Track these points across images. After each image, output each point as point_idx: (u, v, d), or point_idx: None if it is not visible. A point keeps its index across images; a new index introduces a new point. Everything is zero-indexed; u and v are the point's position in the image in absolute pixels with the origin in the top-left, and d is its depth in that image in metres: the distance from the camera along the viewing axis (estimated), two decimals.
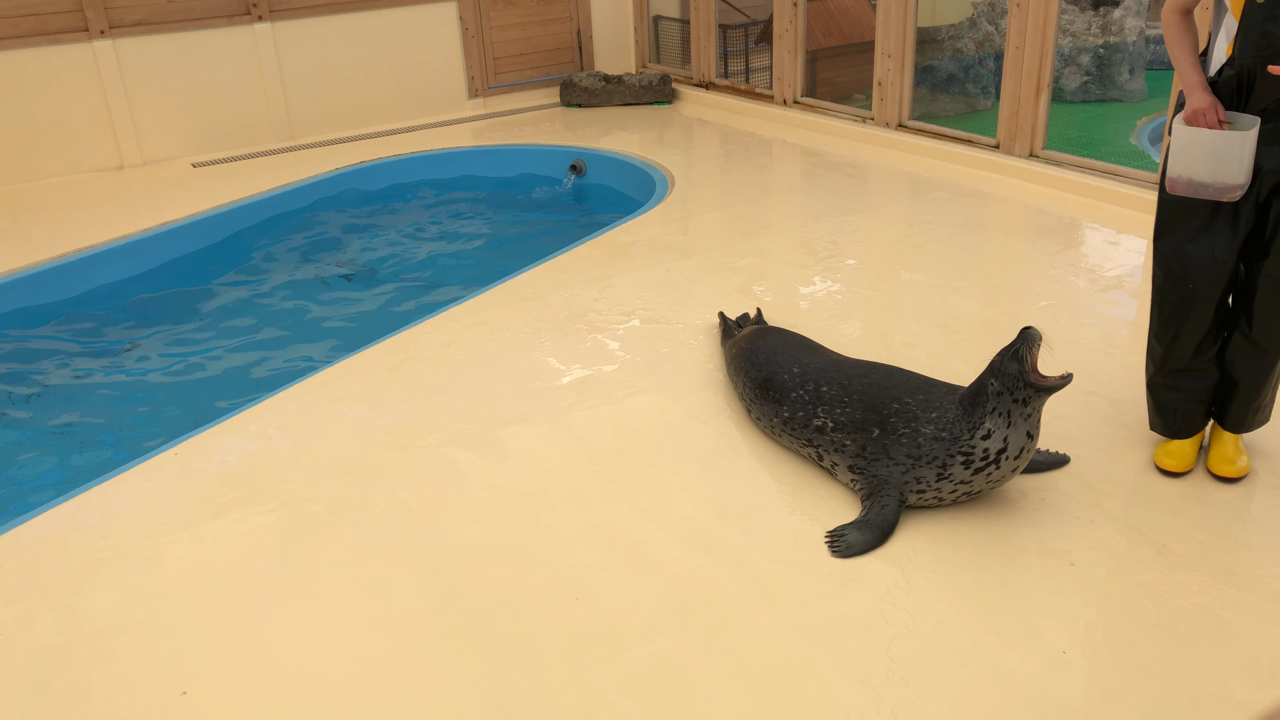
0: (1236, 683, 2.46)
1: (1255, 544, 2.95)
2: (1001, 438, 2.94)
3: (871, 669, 2.55)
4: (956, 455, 2.98)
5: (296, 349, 5.14)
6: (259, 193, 6.90)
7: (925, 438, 3.02)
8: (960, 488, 3.04)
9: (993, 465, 2.98)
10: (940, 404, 3.06)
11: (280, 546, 3.15)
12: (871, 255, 5.33)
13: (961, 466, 2.98)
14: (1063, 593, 2.79)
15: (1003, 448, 2.95)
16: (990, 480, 3.02)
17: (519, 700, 2.52)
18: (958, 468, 2.99)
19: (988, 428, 2.94)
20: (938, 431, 3.01)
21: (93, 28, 7.23)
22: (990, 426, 2.94)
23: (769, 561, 2.97)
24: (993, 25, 9.05)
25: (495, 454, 3.62)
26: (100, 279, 5.89)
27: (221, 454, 3.70)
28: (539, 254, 5.63)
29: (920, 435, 3.04)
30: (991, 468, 2.98)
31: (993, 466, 2.98)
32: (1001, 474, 3.01)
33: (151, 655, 2.72)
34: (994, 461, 2.97)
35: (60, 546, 3.20)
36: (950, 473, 3.00)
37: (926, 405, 3.07)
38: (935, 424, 3.02)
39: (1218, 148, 2.78)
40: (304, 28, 7.98)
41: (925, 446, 3.02)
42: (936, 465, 3.01)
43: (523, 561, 3.02)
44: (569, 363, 4.27)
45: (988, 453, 2.95)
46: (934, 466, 3.01)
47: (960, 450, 2.97)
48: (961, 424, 2.98)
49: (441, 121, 8.64)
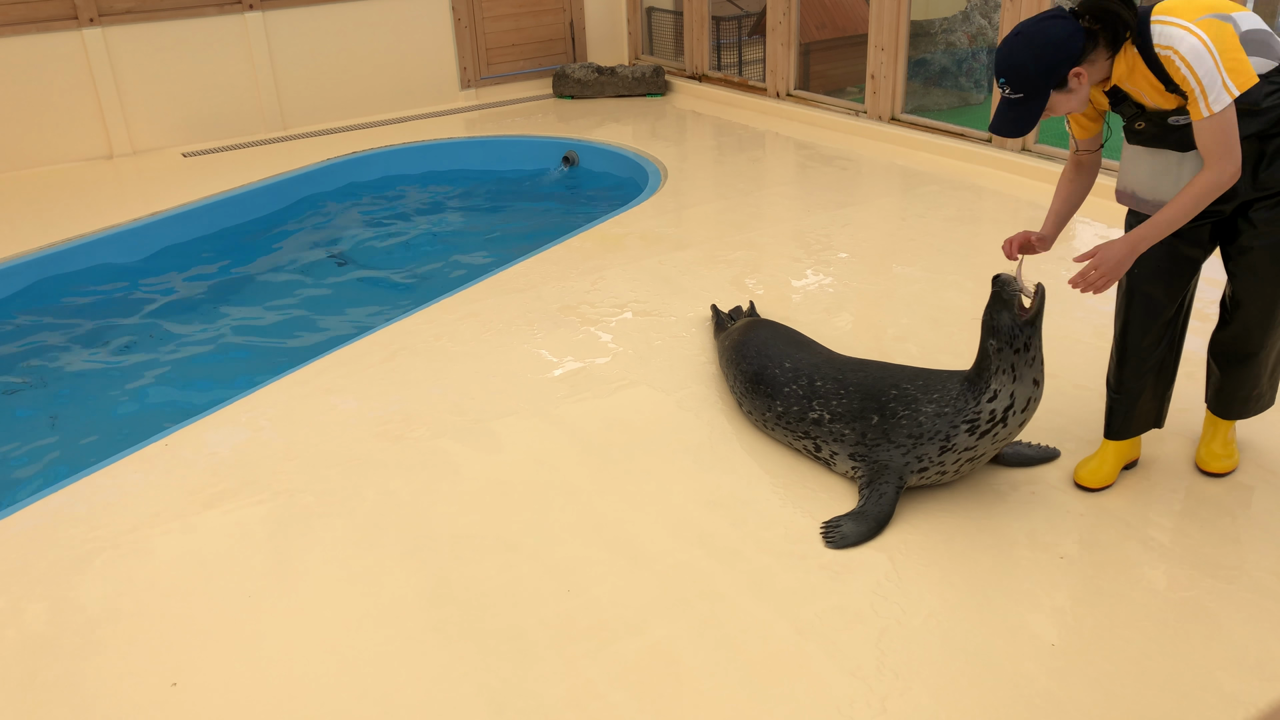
0: (1224, 676, 2.48)
1: (1244, 538, 2.97)
2: (1009, 394, 2.95)
3: (862, 661, 2.56)
4: (960, 425, 2.99)
5: (287, 340, 5.12)
6: (250, 183, 6.87)
7: (927, 415, 3.04)
8: (964, 455, 3.04)
9: (1000, 424, 2.98)
10: (942, 386, 3.07)
11: (271, 538, 3.15)
12: (864, 248, 5.33)
13: (966, 434, 3.00)
14: (1052, 586, 2.80)
15: (1009, 404, 2.96)
16: (996, 440, 3.03)
17: (510, 692, 2.52)
18: (962, 435, 3.00)
19: (994, 389, 2.95)
20: (940, 409, 3.03)
21: (82, 15, 7.19)
22: (996, 387, 2.95)
23: (760, 554, 2.97)
24: (986, 19, 9.05)
25: (487, 446, 3.62)
26: (89, 268, 5.86)
27: (212, 445, 3.69)
28: (531, 246, 5.63)
29: (921, 414, 3.05)
30: (999, 427, 2.99)
31: (999, 426, 2.99)
32: (1009, 431, 3.02)
33: (141, 646, 2.72)
34: (1001, 420, 2.98)
35: (50, 537, 3.19)
36: (955, 442, 3.01)
37: (927, 388, 3.09)
38: (937, 403, 3.04)
39: (1156, 165, 2.85)
40: (295, 17, 7.94)
41: (927, 424, 3.03)
42: (940, 440, 3.02)
43: (514, 553, 3.02)
44: (561, 355, 4.27)
45: (994, 414, 2.97)
46: (936, 441, 3.03)
47: (965, 419, 2.99)
48: (966, 397, 3.00)
49: (433, 112, 8.62)
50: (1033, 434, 3.46)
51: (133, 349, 5.08)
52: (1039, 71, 2.63)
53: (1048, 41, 2.63)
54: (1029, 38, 2.65)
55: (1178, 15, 2.60)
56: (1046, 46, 2.62)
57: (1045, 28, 2.65)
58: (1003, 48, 2.69)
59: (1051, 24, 2.65)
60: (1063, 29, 2.63)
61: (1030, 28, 2.67)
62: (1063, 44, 2.62)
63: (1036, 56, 2.63)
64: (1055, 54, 2.62)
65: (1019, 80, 2.65)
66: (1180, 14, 2.60)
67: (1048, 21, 2.66)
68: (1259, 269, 2.89)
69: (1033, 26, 2.66)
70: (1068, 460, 3.34)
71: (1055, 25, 2.64)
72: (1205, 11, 2.61)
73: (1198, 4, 2.63)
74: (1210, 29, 2.56)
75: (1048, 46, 2.62)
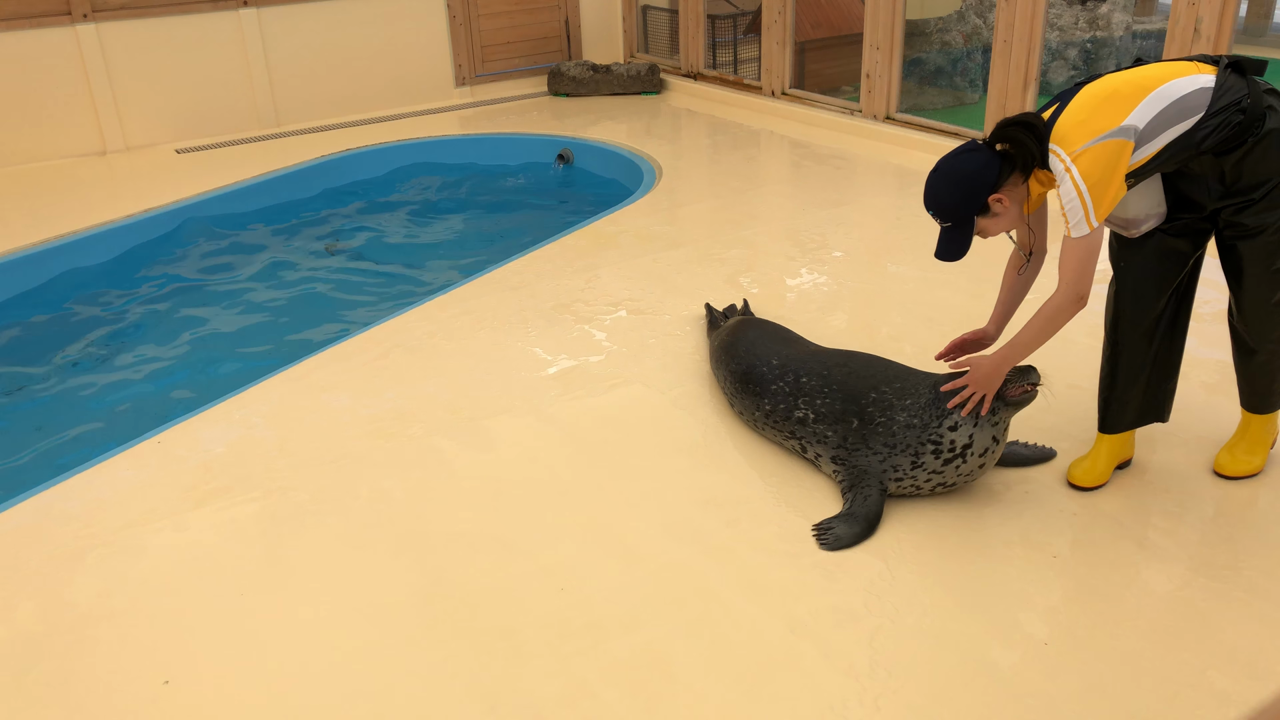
0: (1216, 674, 2.48)
1: (1237, 538, 2.97)
2: (967, 434, 2.98)
3: (855, 660, 2.56)
4: (927, 443, 3.00)
5: (281, 337, 5.11)
6: (244, 179, 6.85)
7: (899, 425, 3.05)
8: (934, 477, 3.06)
9: (959, 459, 3.01)
10: (915, 390, 3.08)
11: (264, 535, 3.14)
12: (858, 247, 5.33)
13: (932, 456, 3.02)
14: (1045, 585, 2.81)
15: (968, 444, 2.99)
16: (960, 474, 3.05)
17: (503, 690, 2.52)
18: (929, 457, 3.02)
19: (955, 419, 2.97)
20: (910, 418, 3.04)
21: (75, 11, 7.16)
22: (957, 419, 2.97)
23: (754, 553, 2.97)
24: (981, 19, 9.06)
25: (481, 444, 3.62)
26: (83, 265, 5.85)
27: (205, 442, 3.68)
28: (526, 243, 5.62)
29: (894, 423, 3.06)
30: (959, 460, 3.01)
31: (960, 460, 3.01)
32: (969, 468, 3.04)
33: (133, 644, 2.71)
34: (960, 455, 3.00)
35: (42, 534, 3.18)
36: (923, 461, 3.03)
37: (902, 393, 3.10)
38: (909, 410, 3.05)
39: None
40: (290, 13, 7.92)
41: (899, 434, 3.04)
42: (910, 453, 3.04)
43: (507, 551, 3.02)
44: (555, 353, 4.27)
45: (954, 445, 2.99)
46: (908, 455, 3.04)
47: (930, 438, 3.00)
48: (930, 410, 3.00)
49: (428, 109, 8.60)
50: (1027, 434, 3.46)
51: (125, 346, 5.06)
52: (959, 202, 2.81)
53: (963, 175, 2.80)
54: (945, 173, 2.83)
55: (1067, 144, 2.68)
56: (963, 179, 2.80)
57: (961, 161, 2.81)
58: (928, 184, 2.87)
59: (967, 157, 2.81)
60: (976, 161, 2.79)
61: (947, 163, 2.84)
62: (977, 174, 2.78)
63: (955, 189, 2.81)
64: (972, 184, 2.79)
65: (943, 212, 2.84)
66: (1070, 142, 2.67)
67: (964, 155, 2.82)
68: (1244, 267, 2.93)
69: (949, 162, 2.84)
70: (1061, 460, 3.34)
71: (970, 158, 2.80)
72: (1098, 131, 2.65)
73: (1098, 119, 2.67)
74: (1089, 160, 2.64)
75: (964, 179, 2.80)
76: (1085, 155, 2.65)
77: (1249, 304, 2.98)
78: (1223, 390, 3.59)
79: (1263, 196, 2.80)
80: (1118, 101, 2.69)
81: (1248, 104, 2.70)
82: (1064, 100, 2.77)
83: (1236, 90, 2.71)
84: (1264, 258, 2.89)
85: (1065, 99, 2.77)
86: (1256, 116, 2.72)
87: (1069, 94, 2.78)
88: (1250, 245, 2.88)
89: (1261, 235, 2.85)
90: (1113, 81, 2.75)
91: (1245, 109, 2.70)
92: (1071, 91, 2.79)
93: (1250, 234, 2.86)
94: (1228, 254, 2.96)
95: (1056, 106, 2.77)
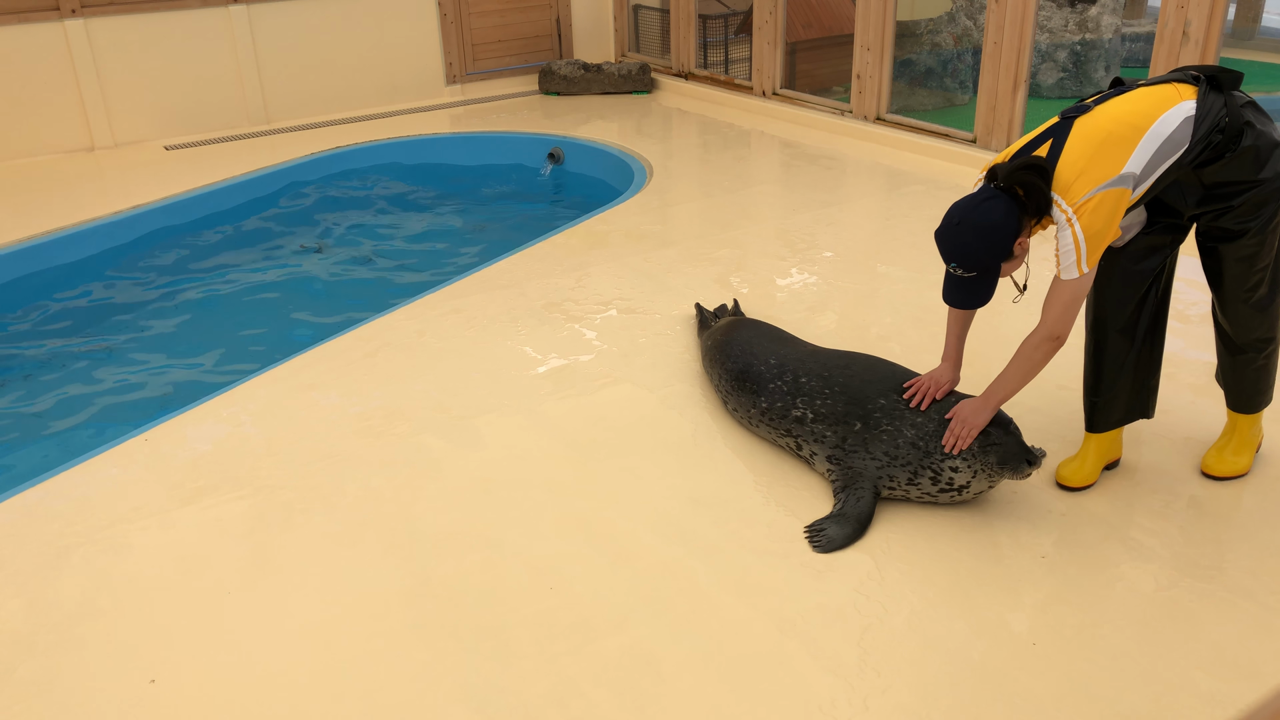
0: (1202, 675, 2.49)
1: (1224, 539, 2.99)
2: (966, 479, 3.01)
3: (843, 659, 2.56)
4: (927, 469, 3.03)
5: (269, 335, 5.10)
6: (233, 176, 6.82)
7: (905, 440, 3.06)
8: (925, 497, 3.09)
9: (955, 493, 3.05)
10: (926, 414, 3.08)
11: (251, 534, 3.13)
12: (848, 247, 5.34)
13: (929, 481, 3.04)
14: (1033, 585, 2.81)
15: (966, 484, 3.02)
16: (954, 501, 3.10)
17: (491, 689, 2.51)
18: (925, 481, 3.04)
19: (957, 463, 2.99)
20: (917, 438, 3.05)
21: (64, 7, 7.12)
22: (959, 463, 2.99)
23: (743, 552, 2.97)
24: (971, 20, 9.08)
25: (470, 443, 3.61)
26: (70, 262, 5.81)
27: (192, 440, 3.66)
28: (516, 242, 5.61)
29: (901, 436, 3.07)
30: (954, 493, 3.05)
31: (955, 493, 3.05)
32: (962, 499, 3.09)
33: (119, 643, 2.69)
34: (957, 490, 3.04)
35: (27, 532, 3.16)
36: (918, 482, 3.05)
37: (915, 408, 3.10)
38: (917, 428, 3.06)
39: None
40: (280, 10, 7.89)
41: (904, 450, 3.06)
42: (909, 470, 3.06)
43: (496, 551, 3.01)
44: (545, 352, 4.26)
45: (953, 482, 3.02)
46: (906, 470, 3.06)
47: (931, 465, 3.02)
48: (935, 441, 3.01)
49: (419, 107, 8.58)
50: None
51: (112, 343, 5.04)
52: (990, 254, 2.75)
53: (991, 226, 2.73)
54: (972, 226, 2.74)
55: (1069, 195, 2.68)
56: (991, 230, 2.73)
57: (984, 212, 2.74)
58: (949, 236, 2.78)
59: (988, 207, 2.74)
60: (998, 209, 2.73)
61: (969, 215, 2.75)
62: (1004, 224, 2.73)
63: (983, 240, 2.74)
64: (1001, 235, 2.73)
65: (971, 264, 2.78)
66: (1073, 193, 2.68)
67: (984, 205, 2.75)
68: (1224, 269, 2.97)
69: (971, 214, 2.75)
70: (1049, 460, 3.35)
71: (991, 207, 2.74)
72: (1098, 180, 2.66)
73: (1098, 168, 2.67)
74: (1094, 212, 2.65)
75: (992, 230, 2.73)
76: (1087, 207, 2.66)
77: (1231, 306, 3.02)
78: (1210, 392, 3.61)
79: (1241, 203, 2.84)
80: (1113, 146, 2.69)
81: (1225, 123, 2.74)
82: (1057, 137, 2.75)
83: (1215, 112, 2.74)
84: (1245, 260, 2.92)
85: (1059, 136, 2.75)
86: (1234, 134, 2.75)
87: (1062, 130, 2.76)
88: (1231, 248, 2.92)
89: (1242, 239, 2.89)
90: (1104, 122, 2.73)
91: (1224, 129, 2.74)
92: (1064, 128, 2.76)
93: (1231, 237, 2.90)
94: (1208, 256, 3.00)
95: (1050, 144, 2.75)
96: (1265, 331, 3.05)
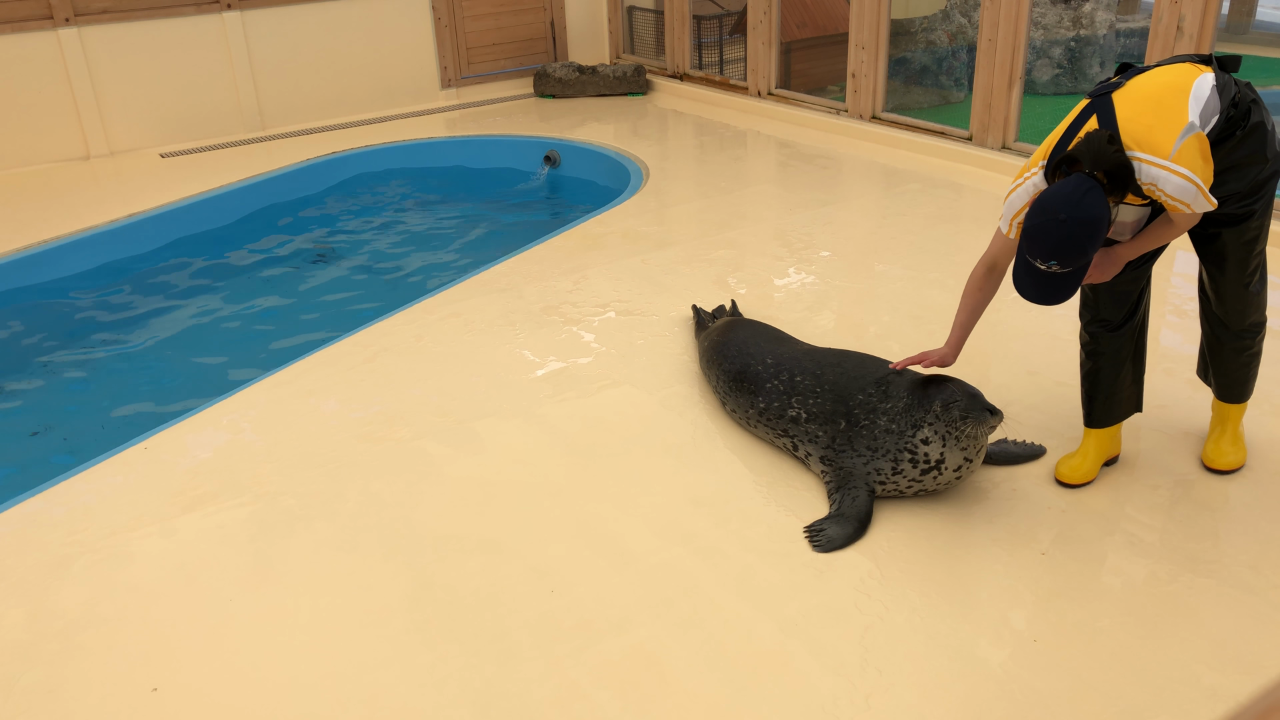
0: (1204, 669, 2.50)
1: (1223, 533, 2.99)
2: (939, 450, 3.00)
3: (845, 658, 2.56)
4: (904, 451, 3.03)
5: (268, 341, 5.10)
6: (229, 184, 6.82)
7: (879, 429, 3.07)
8: (915, 484, 3.08)
9: (935, 471, 3.04)
10: (897, 393, 3.09)
11: (253, 540, 3.13)
12: (845, 247, 5.34)
13: (909, 464, 3.04)
14: (1034, 581, 2.82)
15: (940, 459, 3.01)
16: (940, 483, 3.08)
17: (494, 693, 2.51)
18: (906, 465, 3.04)
19: (926, 434, 2.99)
20: (889, 423, 3.06)
21: (58, 15, 7.12)
22: (929, 434, 2.99)
23: (744, 552, 2.97)
24: (966, 18, 9.09)
25: (470, 446, 3.61)
26: (67, 271, 5.81)
27: (193, 447, 3.66)
28: (513, 245, 5.62)
29: (876, 427, 3.08)
30: (935, 472, 3.04)
31: (935, 472, 3.04)
32: (945, 479, 3.07)
33: (121, 651, 2.70)
34: (935, 468, 3.03)
35: (28, 542, 3.16)
36: (901, 469, 3.05)
37: (885, 395, 3.11)
38: (888, 414, 3.07)
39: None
40: (274, 16, 7.90)
41: (880, 439, 3.06)
42: (890, 459, 3.06)
43: (497, 554, 3.02)
44: (543, 355, 4.26)
45: (928, 458, 3.01)
46: (888, 460, 3.06)
47: (906, 447, 3.02)
48: (905, 417, 3.02)
49: (414, 112, 8.59)
50: (1015, 431, 3.47)
51: (111, 352, 5.03)
52: (1094, 247, 2.61)
53: (1097, 219, 2.57)
54: (1084, 222, 2.57)
55: (1155, 150, 2.60)
56: (1099, 223, 2.58)
57: (1088, 206, 2.57)
58: (1054, 235, 2.58)
59: (1092, 199, 2.58)
60: (1100, 199, 2.58)
61: (1071, 211, 2.57)
62: (1103, 216, 2.58)
63: (1092, 235, 2.58)
64: (1104, 225, 2.60)
65: (1076, 259, 2.61)
66: (1157, 147, 2.60)
67: (1088, 197, 2.58)
68: (1227, 254, 2.99)
69: (1075, 208, 2.57)
70: (1048, 457, 3.35)
71: (1095, 199, 2.58)
72: (1175, 130, 2.60)
73: (1167, 121, 2.62)
74: (1189, 155, 2.59)
75: (1099, 223, 2.58)
76: (1185, 150, 2.60)
77: (1229, 290, 3.04)
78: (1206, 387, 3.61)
79: (1248, 187, 2.86)
80: (1170, 102, 2.65)
81: (1238, 96, 2.77)
82: (1101, 112, 2.68)
83: (1230, 87, 2.77)
84: (1248, 243, 2.96)
85: (1104, 111, 2.68)
86: (1244, 111, 2.78)
87: (1104, 105, 2.69)
88: (1234, 232, 2.95)
89: (1245, 222, 2.92)
90: (1147, 88, 2.69)
91: (1236, 103, 2.77)
92: (1105, 104, 2.68)
93: (1235, 221, 2.93)
94: (1210, 241, 3.02)
95: (1096, 120, 2.69)
96: (1258, 315, 3.10)
